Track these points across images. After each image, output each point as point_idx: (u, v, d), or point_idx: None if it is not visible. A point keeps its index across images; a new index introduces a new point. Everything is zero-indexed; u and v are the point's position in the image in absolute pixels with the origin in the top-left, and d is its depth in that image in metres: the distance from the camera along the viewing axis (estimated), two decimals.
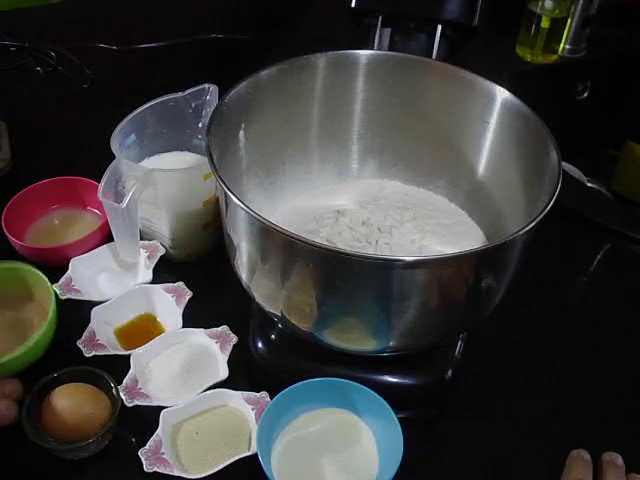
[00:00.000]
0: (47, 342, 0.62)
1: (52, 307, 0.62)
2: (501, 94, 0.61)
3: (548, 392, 0.65)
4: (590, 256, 0.79)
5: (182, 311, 0.66)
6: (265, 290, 0.56)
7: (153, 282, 0.68)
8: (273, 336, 0.64)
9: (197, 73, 0.86)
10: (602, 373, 0.67)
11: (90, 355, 0.62)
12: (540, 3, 0.95)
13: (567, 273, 0.77)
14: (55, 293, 0.64)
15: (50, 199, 0.77)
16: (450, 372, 0.62)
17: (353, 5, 0.74)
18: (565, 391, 0.65)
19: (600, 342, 0.70)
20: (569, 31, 0.99)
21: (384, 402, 0.56)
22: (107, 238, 0.71)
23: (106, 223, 0.69)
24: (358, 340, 0.56)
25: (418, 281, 0.50)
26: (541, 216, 0.49)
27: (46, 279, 0.65)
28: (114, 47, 1.06)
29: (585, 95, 1.07)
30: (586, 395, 0.65)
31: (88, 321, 0.64)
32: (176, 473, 0.54)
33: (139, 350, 0.62)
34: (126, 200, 0.62)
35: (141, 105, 0.70)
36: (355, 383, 0.57)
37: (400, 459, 0.53)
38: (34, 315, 0.65)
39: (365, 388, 0.57)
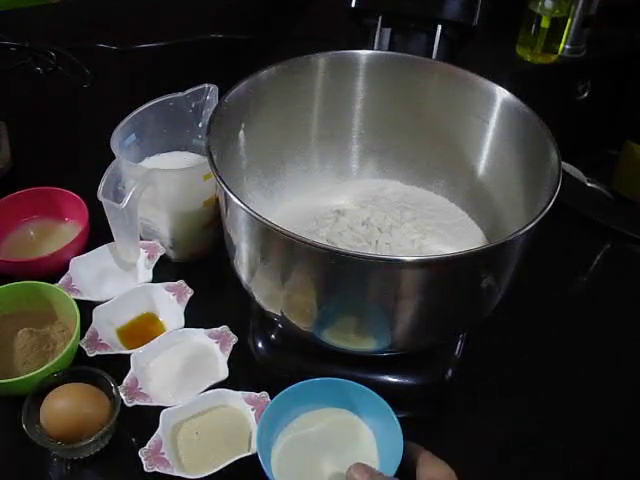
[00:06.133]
0: (69, 361, 0.61)
1: (77, 327, 0.61)
2: (501, 94, 0.61)
3: (549, 392, 0.65)
4: (590, 256, 0.79)
5: (184, 309, 0.66)
6: (265, 290, 0.56)
7: (153, 282, 0.68)
8: (273, 336, 0.64)
9: (197, 73, 0.86)
10: (603, 372, 0.67)
11: (93, 355, 0.62)
12: (540, 3, 0.95)
13: (567, 273, 0.77)
14: (79, 312, 0.62)
15: (27, 210, 0.74)
16: (450, 372, 0.62)
17: (353, 5, 0.74)
18: (566, 391, 0.65)
19: (600, 341, 0.70)
20: (569, 31, 0.99)
21: (384, 402, 0.56)
22: (84, 250, 0.71)
23: (84, 233, 0.70)
24: (358, 340, 0.56)
25: (418, 281, 0.50)
26: (541, 216, 0.49)
27: (71, 299, 0.63)
28: (114, 47, 1.06)
29: (585, 95, 1.07)
30: (587, 395, 0.65)
31: (88, 321, 0.64)
32: (176, 473, 0.54)
33: (139, 350, 0.62)
34: (126, 200, 0.62)
35: (141, 105, 0.70)
36: (355, 383, 0.57)
37: (400, 459, 0.53)
38: (57, 334, 0.63)
39: (365, 388, 0.57)
